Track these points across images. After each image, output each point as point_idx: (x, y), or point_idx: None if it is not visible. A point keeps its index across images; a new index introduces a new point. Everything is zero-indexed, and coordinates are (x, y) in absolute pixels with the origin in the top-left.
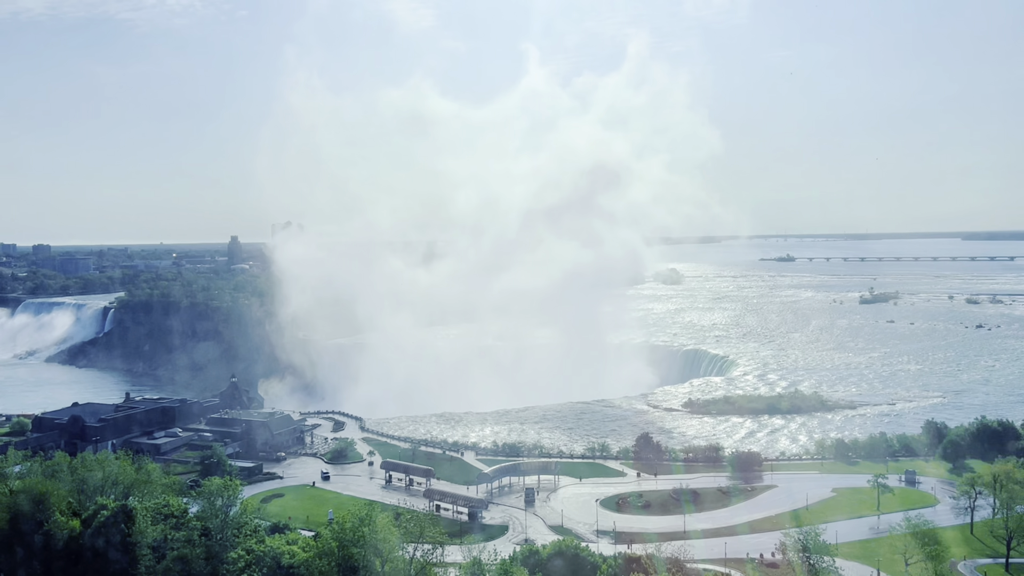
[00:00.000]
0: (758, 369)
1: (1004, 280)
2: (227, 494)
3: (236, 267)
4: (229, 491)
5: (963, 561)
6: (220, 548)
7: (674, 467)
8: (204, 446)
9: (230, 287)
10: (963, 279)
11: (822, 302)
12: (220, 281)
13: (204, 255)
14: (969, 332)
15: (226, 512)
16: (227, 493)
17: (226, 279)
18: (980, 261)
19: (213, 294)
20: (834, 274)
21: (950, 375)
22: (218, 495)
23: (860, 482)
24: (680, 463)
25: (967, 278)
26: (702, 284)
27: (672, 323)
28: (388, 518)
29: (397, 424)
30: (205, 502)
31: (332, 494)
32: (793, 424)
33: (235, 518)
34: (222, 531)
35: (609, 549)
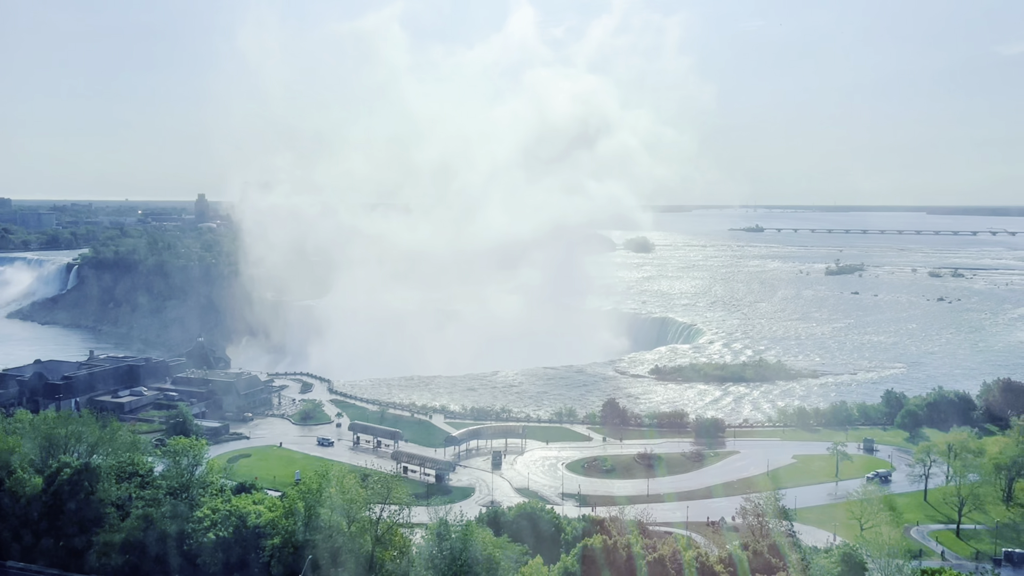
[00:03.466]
0: (724, 337)
1: (966, 254)
2: (193, 453)
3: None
4: (195, 450)
5: (916, 526)
6: (186, 507)
7: (640, 432)
8: (170, 405)
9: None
10: (926, 253)
11: (789, 273)
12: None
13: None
14: (930, 305)
15: (192, 471)
16: (193, 452)
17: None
18: (944, 235)
19: (180, 252)
20: (802, 245)
21: (911, 346)
22: (184, 454)
23: (820, 449)
24: (646, 428)
25: (930, 252)
26: (672, 253)
27: (641, 291)
28: (355, 479)
29: (365, 387)
30: (171, 461)
31: (299, 455)
32: (756, 392)
33: (201, 477)
34: (188, 490)
35: (574, 512)
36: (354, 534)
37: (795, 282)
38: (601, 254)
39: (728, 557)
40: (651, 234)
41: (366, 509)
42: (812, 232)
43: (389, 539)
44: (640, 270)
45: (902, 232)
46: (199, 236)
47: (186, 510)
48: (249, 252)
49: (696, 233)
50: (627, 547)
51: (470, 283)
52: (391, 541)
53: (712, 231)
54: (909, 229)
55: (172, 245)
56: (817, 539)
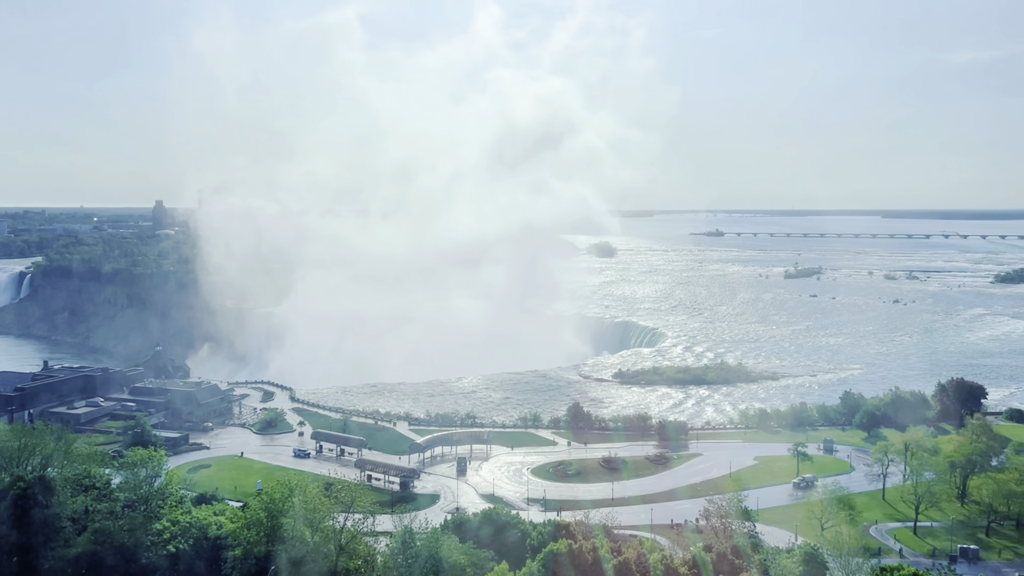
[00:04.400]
0: (686, 341)
1: (919, 257)
2: (151, 465)
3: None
4: (154, 461)
5: (875, 525)
6: (144, 519)
7: (604, 436)
8: (128, 416)
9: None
10: (882, 256)
11: (749, 276)
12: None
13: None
14: (886, 307)
15: (151, 483)
16: (151, 464)
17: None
18: (898, 239)
19: (137, 260)
20: (761, 249)
21: (868, 348)
22: (142, 466)
23: (781, 450)
24: (610, 432)
25: (885, 255)
26: (634, 257)
27: (604, 295)
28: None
29: (328, 394)
30: (128, 473)
31: (261, 464)
32: (718, 394)
33: (160, 489)
34: (146, 502)
35: (539, 516)
36: (318, 544)
37: (755, 285)
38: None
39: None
40: (614, 239)
41: (330, 518)
42: (771, 236)
43: (353, 548)
44: (603, 274)
45: (858, 236)
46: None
47: (145, 523)
48: (208, 259)
49: (658, 237)
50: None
51: (433, 287)
52: (355, 550)
53: (674, 235)
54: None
55: (129, 253)
56: (779, 539)
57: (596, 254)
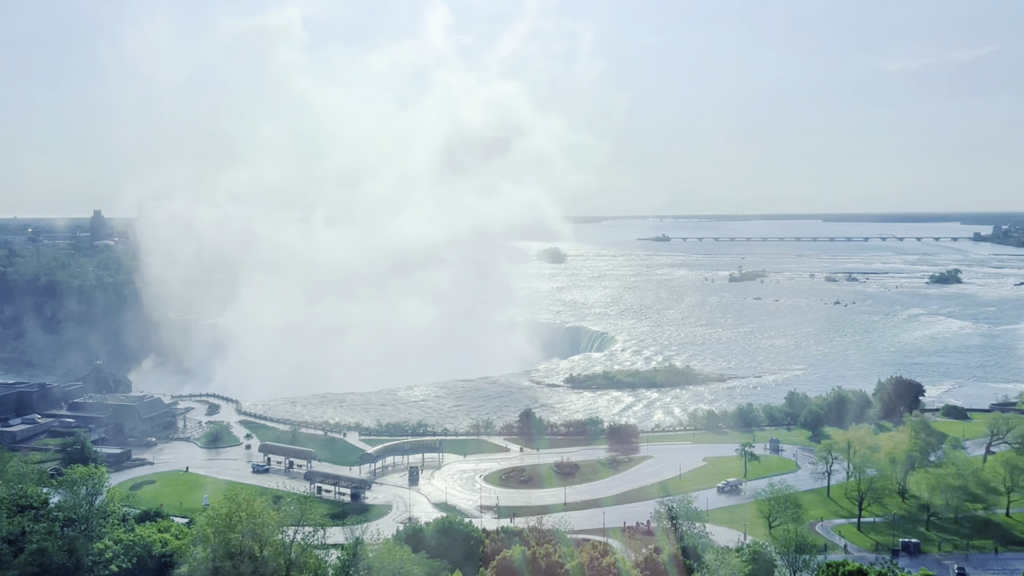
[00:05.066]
0: (635, 345)
1: (859, 259)
2: (92, 482)
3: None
4: (94, 479)
5: (821, 522)
6: (85, 539)
7: (556, 441)
8: (67, 433)
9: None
10: (823, 259)
11: (695, 280)
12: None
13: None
14: (828, 308)
15: (91, 501)
16: (92, 481)
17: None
18: (838, 242)
19: (75, 272)
20: (706, 253)
21: (811, 348)
22: (82, 483)
23: (729, 451)
24: (562, 437)
25: (826, 258)
26: (584, 263)
27: (555, 300)
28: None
29: (276, 406)
30: (68, 491)
31: (207, 479)
32: (667, 397)
33: (101, 507)
34: (87, 521)
35: (492, 524)
36: (267, 558)
37: (701, 289)
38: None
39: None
40: (563, 245)
41: (279, 532)
42: (716, 241)
43: (304, 562)
44: (553, 280)
45: (800, 239)
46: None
47: (85, 542)
48: (149, 270)
49: (607, 243)
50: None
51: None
52: (306, 564)
53: (622, 241)
54: (806, 236)
55: (66, 264)
56: (728, 539)
57: (546, 260)
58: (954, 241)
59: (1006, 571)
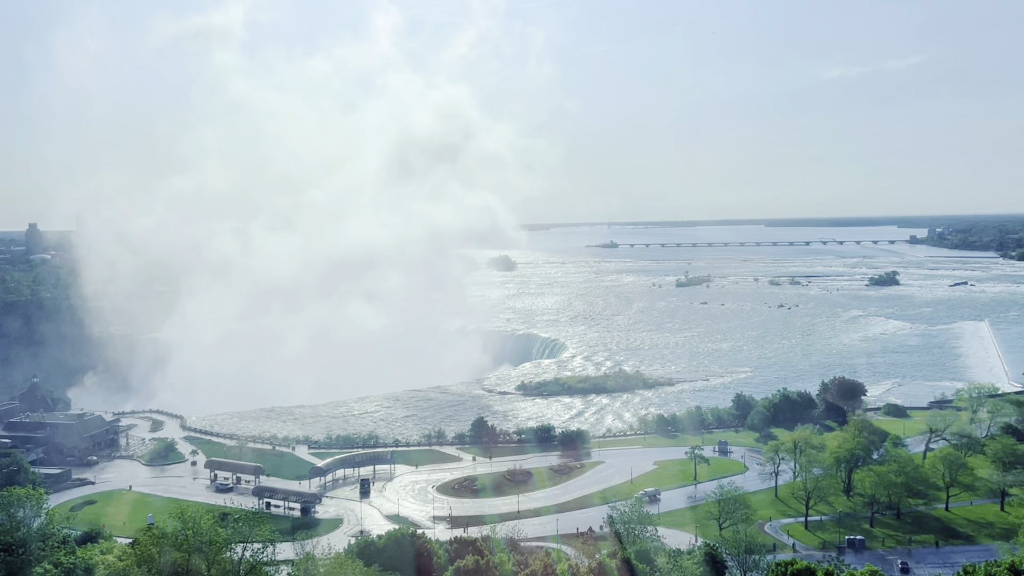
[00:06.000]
0: (586, 351)
1: (801, 263)
2: (30, 504)
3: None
4: (32, 501)
5: (769, 522)
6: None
7: (509, 449)
8: (2, 454)
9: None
10: (766, 263)
11: (643, 286)
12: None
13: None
14: (772, 311)
15: (29, 524)
16: (30, 503)
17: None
18: (781, 246)
19: (9, 287)
20: (653, 259)
21: (756, 351)
22: (19, 506)
23: (679, 454)
24: (514, 445)
25: (770, 262)
26: (533, 270)
27: (505, 308)
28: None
29: (222, 421)
30: (4, 514)
31: (153, 497)
32: (618, 402)
33: (40, 529)
34: (25, 545)
35: (446, 534)
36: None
37: (649, 295)
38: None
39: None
40: (513, 252)
41: (227, 550)
42: (662, 247)
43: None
44: (503, 288)
45: (744, 244)
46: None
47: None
48: (87, 283)
49: (556, 250)
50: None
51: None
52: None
53: (570, 248)
54: (750, 241)
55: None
56: (680, 541)
57: (496, 268)
58: (891, 244)
59: (947, 564)
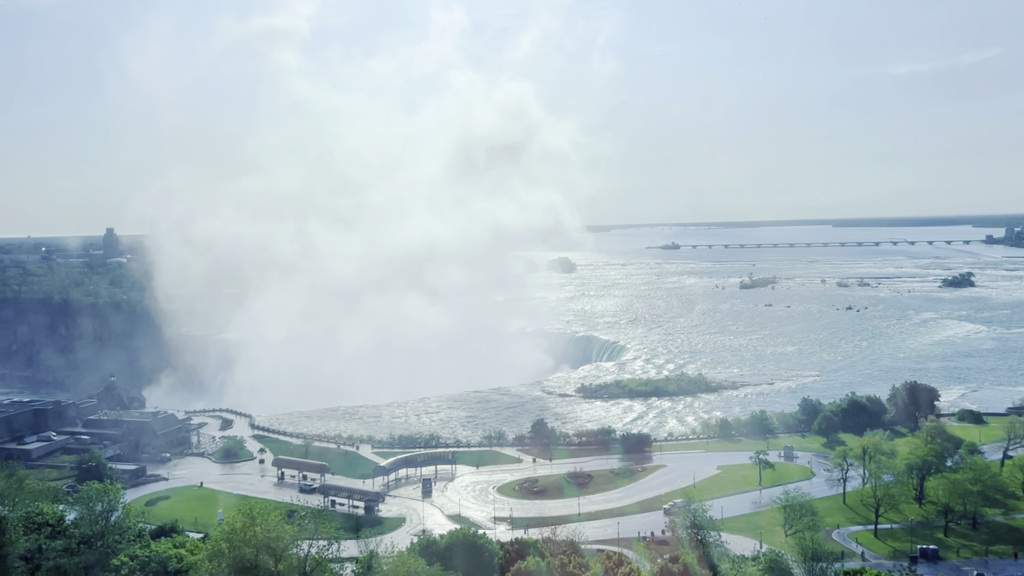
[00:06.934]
0: (646, 353)
1: (870, 264)
2: (107, 499)
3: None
4: (110, 495)
5: (837, 529)
6: (101, 556)
7: (568, 452)
8: (82, 450)
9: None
10: (833, 264)
11: (705, 288)
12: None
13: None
14: (840, 314)
15: (107, 518)
16: (107, 498)
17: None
18: (849, 247)
19: (88, 289)
20: (716, 261)
21: (823, 354)
22: (98, 500)
23: (743, 459)
24: (575, 447)
25: (837, 263)
26: (593, 272)
27: (565, 310)
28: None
29: (289, 420)
30: (83, 508)
31: (222, 494)
32: (680, 405)
33: (117, 523)
34: (103, 538)
35: (506, 535)
36: (282, 572)
37: (711, 297)
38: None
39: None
40: (572, 254)
41: (293, 546)
42: (726, 248)
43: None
44: (563, 290)
45: (810, 245)
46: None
47: (102, 558)
48: (161, 286)
49: (616, 252)
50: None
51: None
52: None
53: (631, 249)
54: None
55: (80, 282)
56: (744, 547)
57: (555, 270)
58: (966, 244)
59: None
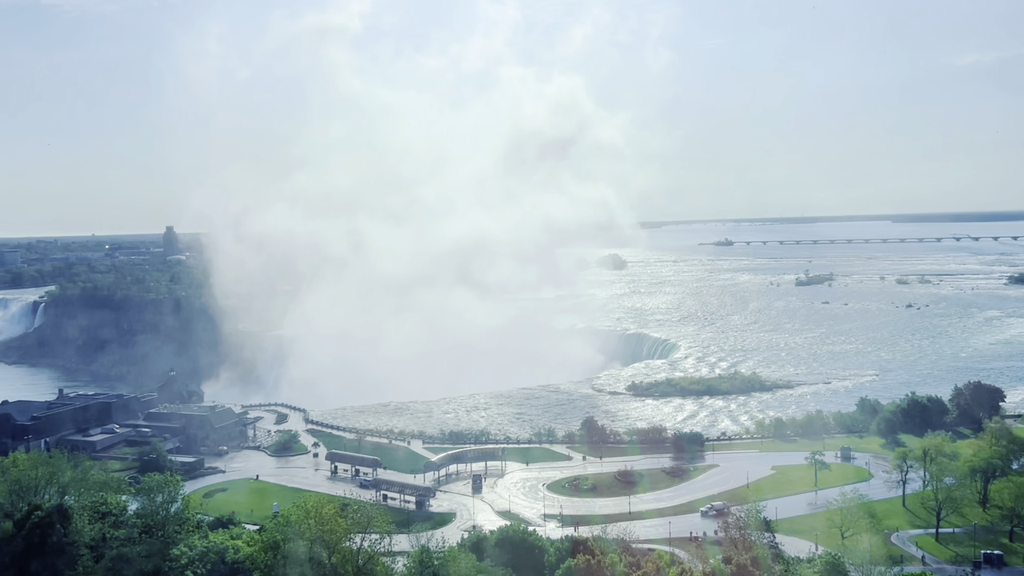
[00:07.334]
0: (699, 351)
1: (931, 260)
2: (168, 490)
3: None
4: (170, 487)
5: (896, 532)
6: (162, 545)
7: (619, 449)
8: (143, 442)
9: (166, 278)
10: (893, 260)
11: (759, 285)
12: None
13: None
14: (900, 311)
15: (167, 508)
16: (168, 489)
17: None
18: (909, 243)
19: (149, 286)
20: (771, 257)
21: (882, 353)
22: (158, 491)
23: (798, 459)
24: (625, 445)
25: (897, 259)
26: (644, 269)
27: (615, 307)
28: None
29: (342, 415)
30: (145, 499)
31: (277, 487)
32: (733, 404)
33: (177, 514)
34: (163, 528)
35: (556, 533)
36: (335, 565)
37: (766, 294)
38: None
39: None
40: (622, 251)
41: (346, 539)
42: (780, 244)
43: (371, 569)
44: (613, 287)
45: (868, 241)
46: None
47: (162, 548)
48: (219, 282)
49: (667, 248)
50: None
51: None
52: (373, 571)
53: (682, 246)
54: (875, 238)
55: (141, 279)
56: (799, 549)
57: (605, 266)
58: None
59: None
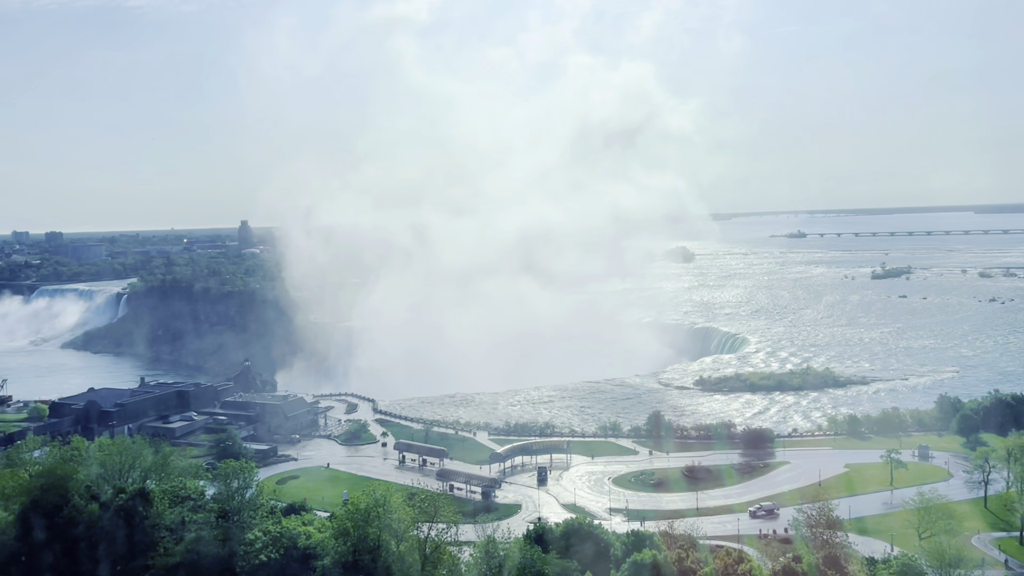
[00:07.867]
0: (769, 346)
1: (1017, 253)
2: (243, 476)
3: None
4: (245, 473)
5: (977, 535)
6: (237, 530)
7: (686, 445)
8: (219, 429)
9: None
10: (975, 253)
11: (833, 278)
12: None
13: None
14: (982, 306)
15: (242, 494)
16: (243, 475)
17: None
18: (993, 235)
19: (225, 278)
20: (846, 250)
21: (963, 349)
22: (234, 477)
23: (873, 457)
24: (692, 441)
25: (979, 252)
26: (712, 262)
27: (683, 301)
28: (402, 498)
29: (409, 405)
30: (221, 484)
31: (347, 475)
32: (805, 400)
33: (251, 500)
34: (239, 513)
35: (622, 527)
36: (403, 553)
37: (840, 287)
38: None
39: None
40: (690, 243)
41: (414, 528)
42: (856, 236)
43: (438, 558)
44: (680, 280)
45: (949, 233)
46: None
47: (237, 532)
48: (291, 275)
49: (736, 241)
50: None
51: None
52: (439, 560)
53: (753, 238)
54: (957, 229)
55: (217, 272)
56: (873, 549)
57: (673, 259)
58: None
59: None
